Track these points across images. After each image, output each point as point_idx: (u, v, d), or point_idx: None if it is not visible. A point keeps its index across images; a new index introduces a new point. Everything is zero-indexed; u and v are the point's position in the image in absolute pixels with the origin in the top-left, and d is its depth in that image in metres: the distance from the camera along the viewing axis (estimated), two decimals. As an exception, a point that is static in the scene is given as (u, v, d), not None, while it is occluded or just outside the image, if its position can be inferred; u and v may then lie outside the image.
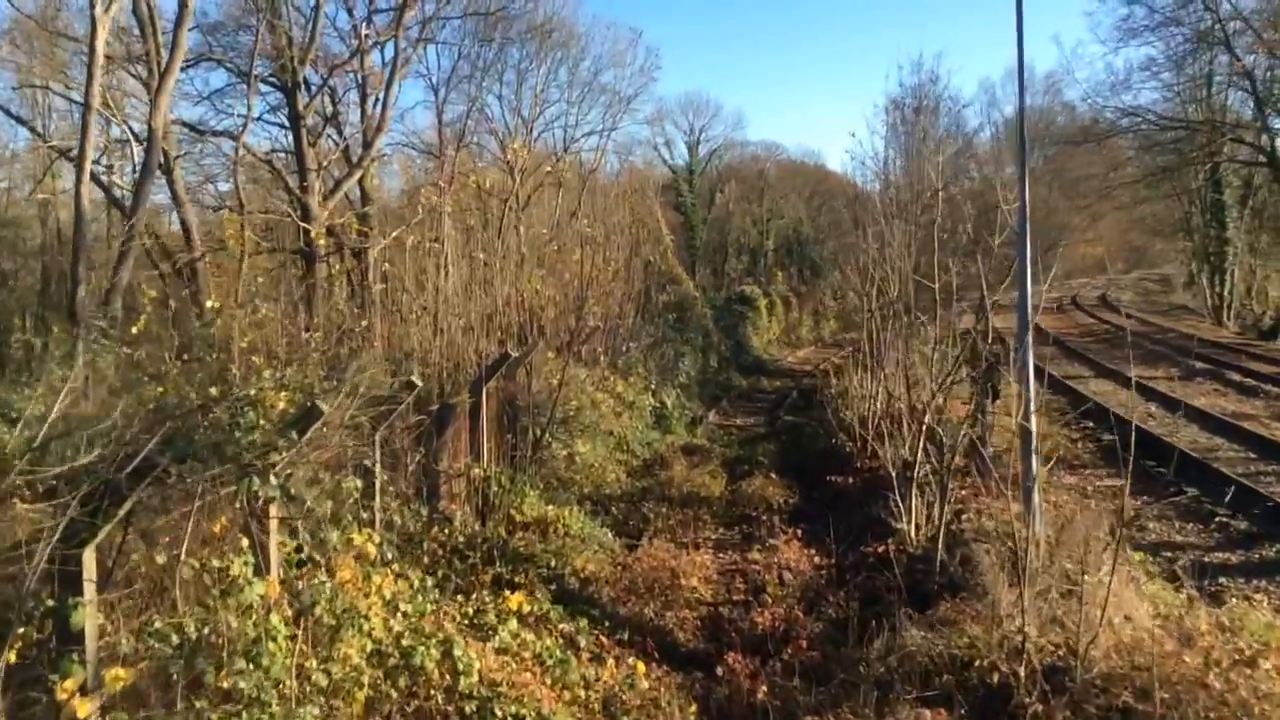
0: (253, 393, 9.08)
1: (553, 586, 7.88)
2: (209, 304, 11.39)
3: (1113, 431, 12.19)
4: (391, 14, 22.74)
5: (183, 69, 22.11)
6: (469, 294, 14.25)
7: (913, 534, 9.17)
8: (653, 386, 17.44)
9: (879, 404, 13.06)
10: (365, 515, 6.55)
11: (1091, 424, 13.62)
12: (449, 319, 13.58)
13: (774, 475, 13.11)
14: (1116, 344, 26.44)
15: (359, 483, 6.49)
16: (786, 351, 34.53)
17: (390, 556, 6.33)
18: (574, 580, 8.22)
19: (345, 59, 23.72)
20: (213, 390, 8.38)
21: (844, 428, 13.64)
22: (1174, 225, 42.64)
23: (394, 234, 18.72)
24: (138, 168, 18.49)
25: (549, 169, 21.14)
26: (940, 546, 7.97)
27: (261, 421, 7.00)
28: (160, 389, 8.65)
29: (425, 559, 6.86)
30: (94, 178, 19.21)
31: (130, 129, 19.50)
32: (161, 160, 18.36)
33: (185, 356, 9.58)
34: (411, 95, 66.89)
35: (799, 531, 10.35)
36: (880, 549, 9.20)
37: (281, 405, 9.35)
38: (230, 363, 10.66)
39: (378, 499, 6.84)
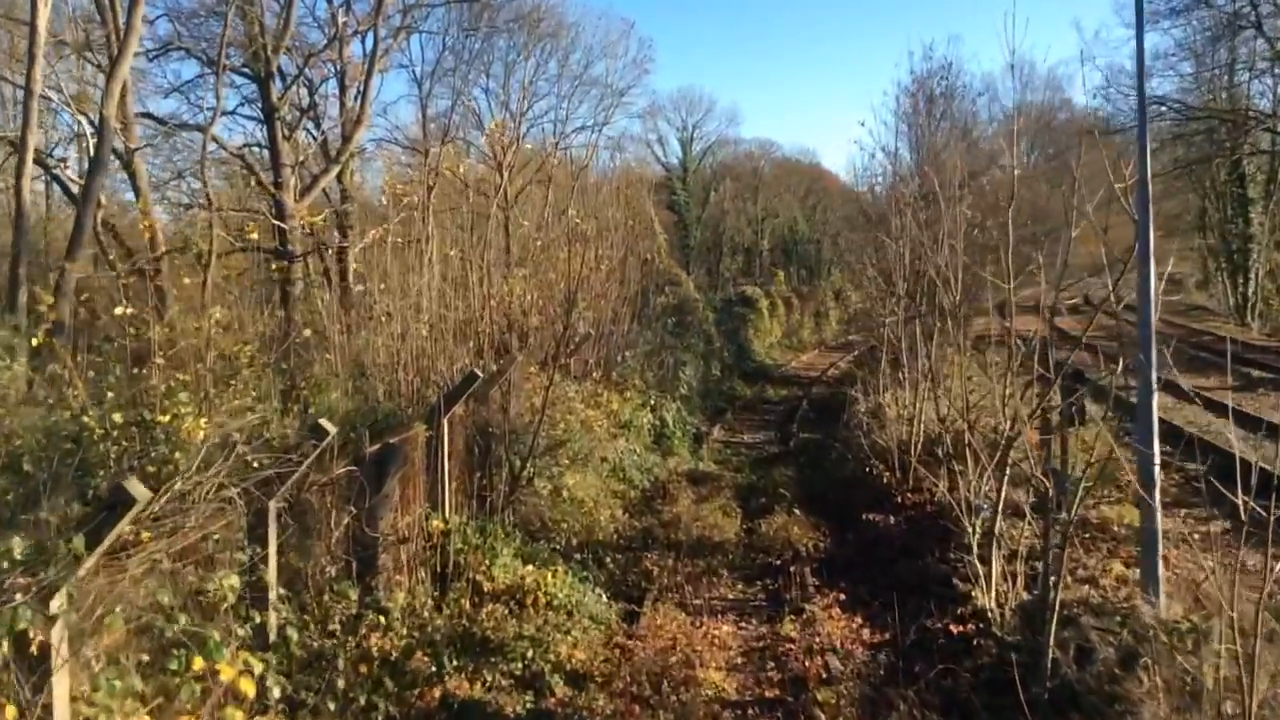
0: (167, 419, 7.26)
1: (528, 697, 5.82)
2: (117, 311, 9.51)
3: (1195, 458, 10.32)
4: (371, 1, 21.05)
5: (150, 58, 20.33)
6: (443, 298, 12.25)
7: (993, 606, 7.15)
8: (651, 401, 15.39)
9: (924, 426, 11.05)
10: (249, 629, 4.49)
11: (1167, 447, 11.63)
12: (418, 325, 11.65)
13: (796, 511, 11.07)
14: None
15: (236, 581, 4.43)
16: (790, 355, 32.53)
17: (280, 692, 4.26)
18: (558, 681, 6.16)
19: (321, 47, 22.26)
20: (117, 416, 6.50)
21: (878, 452, 11.63)
22: (1188, 222, 40.96)
23: (374, 233, 16.88)
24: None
25: (531, 147, 19.15)
26: (1051, 639, 5.91)
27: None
28: (67, 412, 6.93)
29: (340, 682, 4.81)
30: (49, 172, 17.38)
31: (91, 120, 17.84)
32: (124, 154, 16.51)
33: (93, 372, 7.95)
34: (395, 88, 65.12)
35: (839, 593, 8.31)
36: (952, 626, 7.18)
37: (202, 434, 7.58)
38: (148, 381, 8.85)
39: (272, 600, 4.76)
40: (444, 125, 28.59)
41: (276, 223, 18.42)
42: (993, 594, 7.26)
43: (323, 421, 4.84)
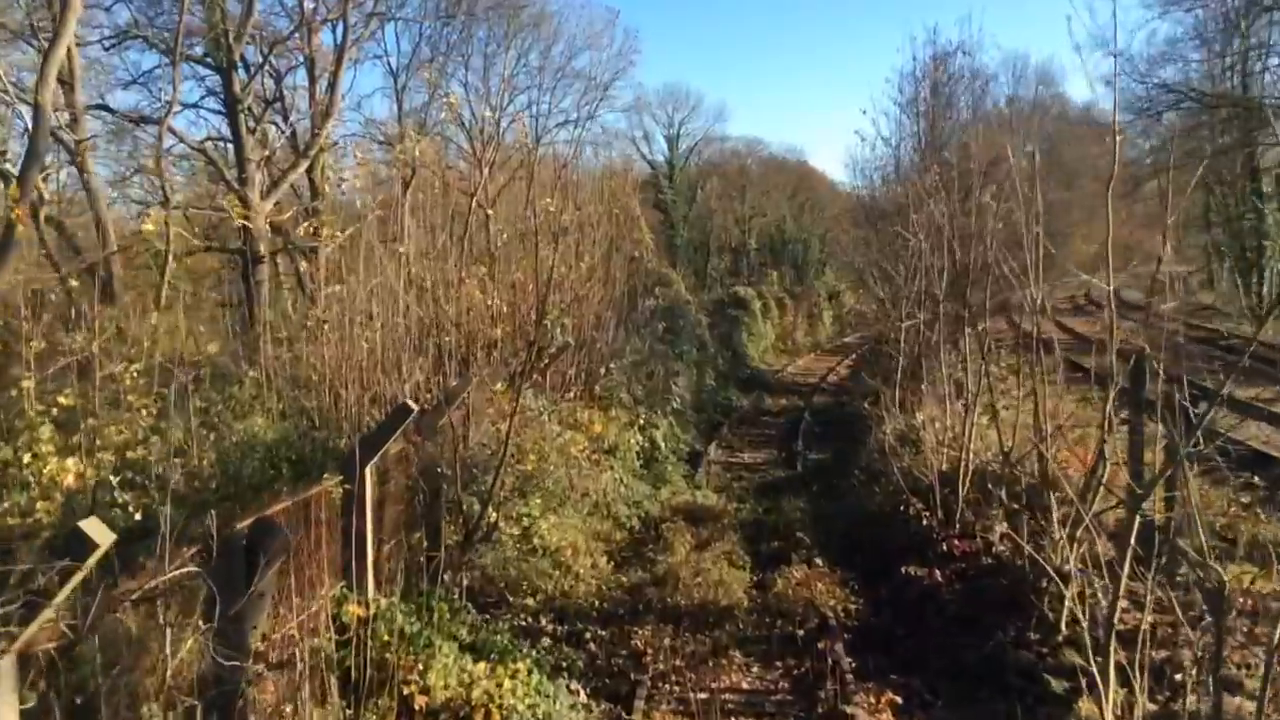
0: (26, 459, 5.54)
1: None
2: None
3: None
4: (341, -15, 19.61)
5: (107, 48, 19.05)
6: (399, 303, 10.31)
7: (1113, 727, 5.21)
8: (640, 420, 13.41)
9: (972, 455, 9.13)
10: None
11: (1249, 474, 9.79)
12: (369, 334, 9.74)
13: (818, 560, 9.15)
14: (1177, 352, 22.66)
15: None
16: (785, 360, 30.67)
17: None
18: None
19: (287, 34, 20.85)
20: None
21: (913, 486, 9.70)
22: (1194, 217, 39.60)
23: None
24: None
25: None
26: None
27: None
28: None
29: None
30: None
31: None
32: (72, 147, 14.97)
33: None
34: (370, 81, 62.63)
35: (889, 689, 6.36)
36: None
37: (71, 478, 6.16)
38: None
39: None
40: (421, 120, 26.89)
41: (241, 221, 16.92)
42: (1110, 703, 5.33)
43: (87, 525, 2.84)
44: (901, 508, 9.56)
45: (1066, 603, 6.46)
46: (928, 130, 19.11)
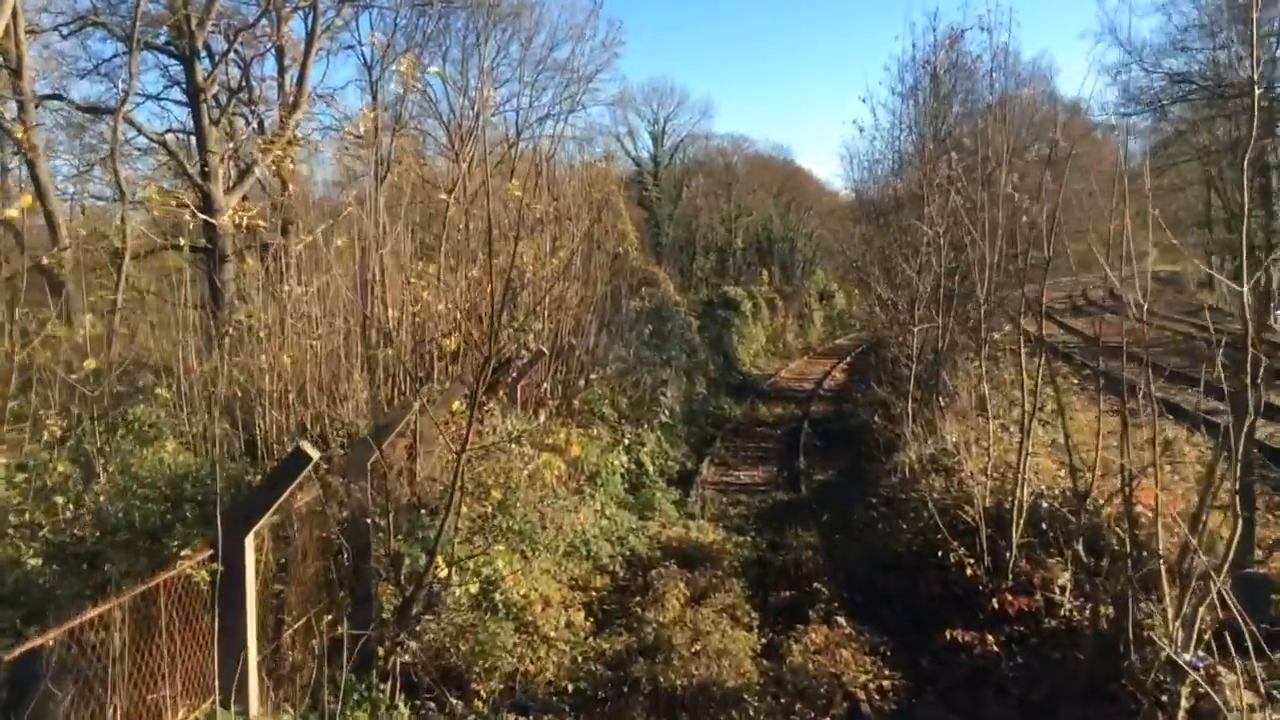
0: None
1: None
2: None
3: None
4: (311, -28, 18.40)
5: (64, 36, 17.89)
6: (350, 310, 8.74)
7: None
8: (625, 440, 11.81)
9: (1025, 489, 7.57)
10: None
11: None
12: (309, 344, 8.22)
13: (840, 619, 7.58)
14: (1191, 354, 21.34)
15: None
16: (778, 364, 29.16)
17: None
18: None
19: (253, 21, 19.43)
20: None
21: (950, 524, 8.12)
22: (1195, 217, 38.75)
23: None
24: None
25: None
26: None
27: None
28: None
29: None
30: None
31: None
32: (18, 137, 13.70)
33: None
34: (343, 74, 60.78)
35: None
36: None
37: None
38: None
39: None
40: (396, 114, 25.46)
41: (202, 216, 15.58)
42: None
43: None
44: (938, 551, 7.99)
45: (1183, 700, 4.95)
46: (933, 119, 17.65)
